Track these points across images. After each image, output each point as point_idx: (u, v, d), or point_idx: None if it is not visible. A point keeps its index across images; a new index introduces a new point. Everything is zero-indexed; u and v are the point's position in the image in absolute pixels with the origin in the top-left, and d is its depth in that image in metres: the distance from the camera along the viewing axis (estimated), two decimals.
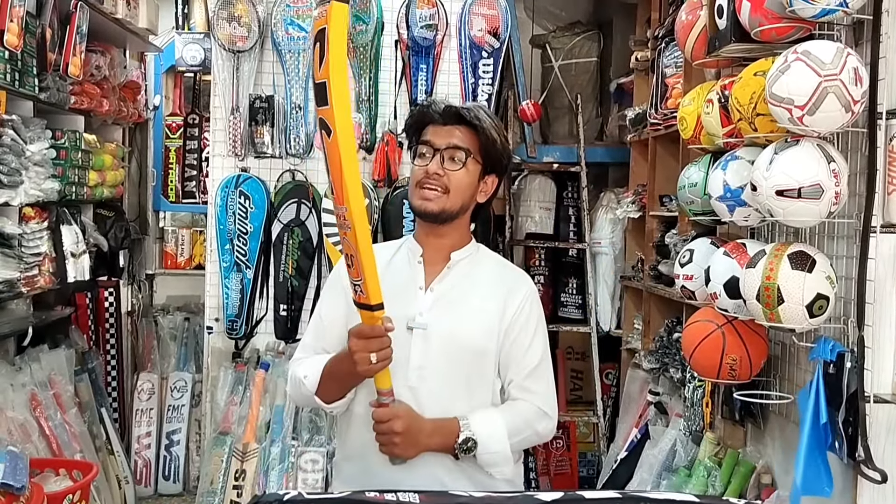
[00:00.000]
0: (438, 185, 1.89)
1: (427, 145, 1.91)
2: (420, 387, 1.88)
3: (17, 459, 2.72)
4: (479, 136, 1.92)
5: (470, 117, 1.91)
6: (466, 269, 1.96)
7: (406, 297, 1.92)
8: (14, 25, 2.97)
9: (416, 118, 1.97)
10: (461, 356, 1.90)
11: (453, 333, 1.90)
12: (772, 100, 2.10)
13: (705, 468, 2.77)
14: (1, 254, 3.17)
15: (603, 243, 4.36)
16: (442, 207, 1.90)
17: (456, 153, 1.90)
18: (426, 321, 1.89)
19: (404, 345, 1.86)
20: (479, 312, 1.92)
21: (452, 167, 1.90)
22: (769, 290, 2.15)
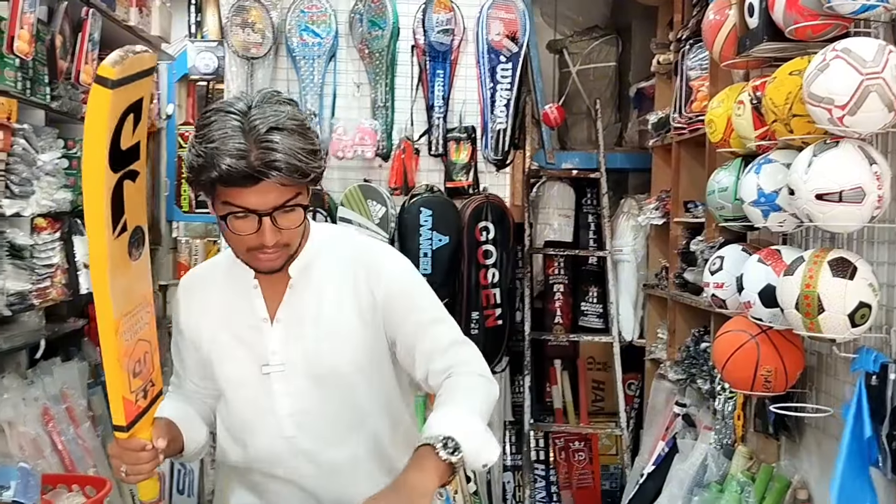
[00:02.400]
0: (278, 246, 1.54)
1: (245, 211, 1.48)
2: (298, 435, 1.64)
3: (28, 476, 2.67)
4: (299, 171, 1.48)
5: (284, 166, 1.45)
6: (310, 278, 1.64)
7: (251, 335, 1.65)
8: (25, 32, 2.92)
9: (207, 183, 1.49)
10: (336, 385, 1.64)
11: (317, 364, 1.62)
12: (810, 100, 2.01)
13: (738, 483, 2.67)
14: (12, 265, 3.12)
15: (624, 251, 4.27)
16: (286, 258, 1.59)
17: (285, 209, 1.51)
18: (281, 360, 1.63)
19: (265, 392, 1.63)
20: (335, 329, 1.62)
21: (288, 222, 1.52)
22: (809, 298, 2.06)
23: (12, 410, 3.11)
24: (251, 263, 1.59)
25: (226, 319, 1.67)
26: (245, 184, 1.45)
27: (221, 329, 1.67)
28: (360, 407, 1.66)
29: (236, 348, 1.65)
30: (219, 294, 1.69)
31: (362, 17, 3.83)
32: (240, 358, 1.65)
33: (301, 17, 3.85)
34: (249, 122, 1.46)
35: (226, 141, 1.44)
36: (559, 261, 4.44)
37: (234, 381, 1.68)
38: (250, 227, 1.50)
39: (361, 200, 3.76)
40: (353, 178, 3.84)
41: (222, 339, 1.68)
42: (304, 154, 1.47)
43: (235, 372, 1.67)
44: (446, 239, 3.70)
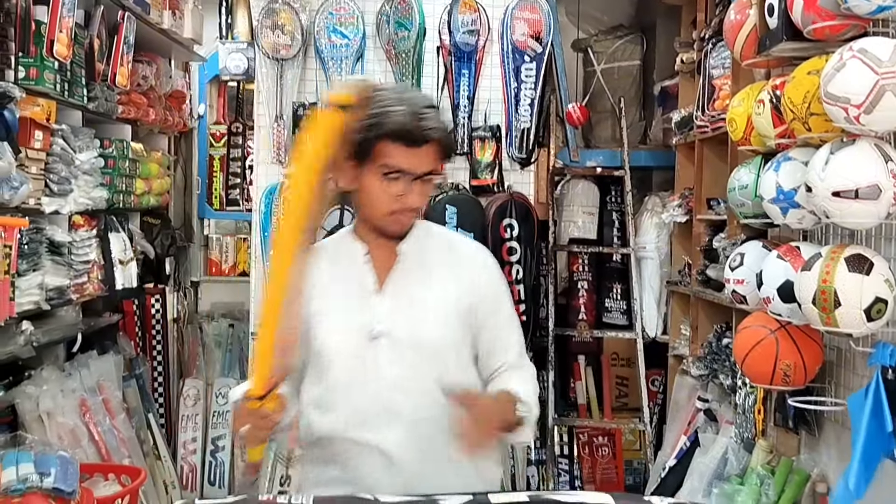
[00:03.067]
0: (415, 211, 1.79)
1: (399, 172, 1.72)
2: (394, 400, 1.76)
3: (67, 464, 2.76)
4: (445, 145, 1.76)
5: (439, 134, 1.73)
6: (417, 258, 1.82)
7: (360, 303, 1.80)
8: (63, 36, 3.02)
9: (375, 136, 1.71)
10: (432, 357, 1.79)
11: (418, 335, 1.79)
12: (827, 99, 2.05)
13: (758, 476, 2.70)
14: (51, 261, 3.22)
15: (648, 248, 4.31)
16: (413, 223, 1.82)
17: (431, 176, 1.76)
18: (387, 327, 1.77)
19: (370, 356, 1.77)
20: (439, 306, 1.80)
21: (428, 190, 1.79)
22: (825, 293, 2.09)
23: (51, 401, 3.22)
24: (388, 225, 1.77)
25: (334, 289, 1.80)
26: (411, 143, 1.69)
27: (329, 298, 1.80)
28: (449, 380, 1.78)
29: (343, 315, 1.77)
30: (328, 266, 1.83)
31: (389, 18, 3.90)
32: (346, 324, 1.77)
33: (329, 18, 3.93)
34: (412, 100, 1.72)
35: (401, 104, 1.68)
36: (583, 258, 4.49)
37: (338, 347, 1.78)
38: (400, 189, 1.71)
39: None
40: None
41: (329, 307, 1.80)
42: (449, 129, 1.78)
43: (341, 337, 1.79)
44: (471, 235, 3.75)
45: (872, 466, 2.07)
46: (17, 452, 2.73)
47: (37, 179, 3.07)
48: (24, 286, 2.98)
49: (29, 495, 2.56)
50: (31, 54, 2.95)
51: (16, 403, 3.13)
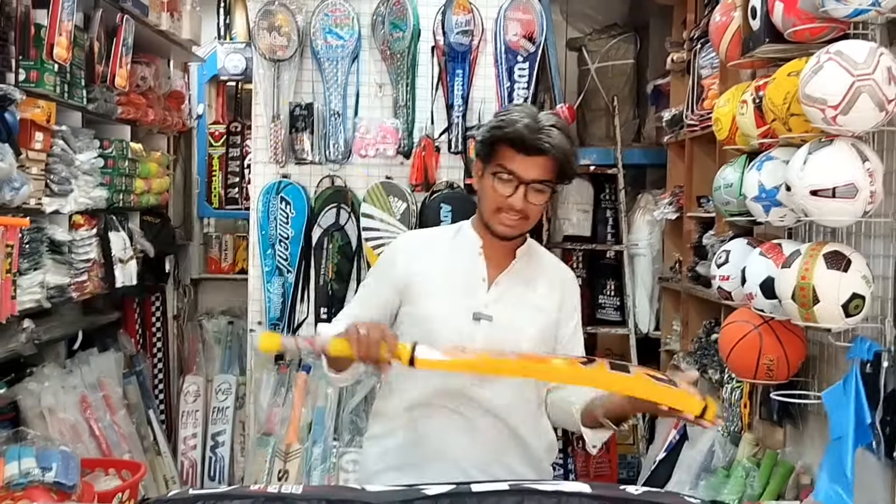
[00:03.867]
0: (520, 214, 1.91)
1: (511, 175, 1.88)
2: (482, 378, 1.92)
3: (68, 459, 2.82)
4: (561, 164, 1.90)
5: (554, 150, 1.87)
6: (527, 266, 2.01)
7: (469, 288, 1.97)
8: (63, 39, 3.08)
9: (495, 139, 1.91)
10: (519, 348, 1.92)
11: (516, 327, 1.95)
12: (805, 100, 2.10)
13: (744, 469, 2.76)
14: (52, 260, 3.28)
15: (641, 245, 4.36)
16: (520, 232, 1.96)
17: (539, 186, 1.89)
18: (491, 312, 1.94)
19: (470, 334, 1.92)
20: (539, 311, 1.99)
21: (537, 199, 1.91)
22: (804, 290, 2.15)
23: (52, 398, 3.28)
24: (493, 224, 1.93)
25: (447, 273, 1.98)
26: (524, 151, 1.87)
27: (442, 279, 1.98)
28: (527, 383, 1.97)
29: (452, 295, 1.95)
30: (445, 253, 2.02)
31: (384, 19, 3.95)
32: (453, 302, 1.95)
33: (325, 20, 3.98)
34: (538, 117, 1.90)
35: (525, 117, 1.90)
36: (577, 255, 4.55)
37: (442, 318, 1.94)
38: (507, 190, 1.88)
39: (383, 197, 3.89)
40: (376, 175, 3.97)
41: (441, 287, 1.98)
42: (569, 152, 1.90)
43: (447, 311, 1.95)
44: None
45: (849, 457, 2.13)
46: (20, 447, 2.78)
47: (37, 180, 3.12)
48: (26, 285, 3.04)
49: (31, 489, 2.61)
50: (32, 57, 3.00)
51: (18, 400, 3.19)
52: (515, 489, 1.50)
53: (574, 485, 1.53)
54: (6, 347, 2.95)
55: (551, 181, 1.90)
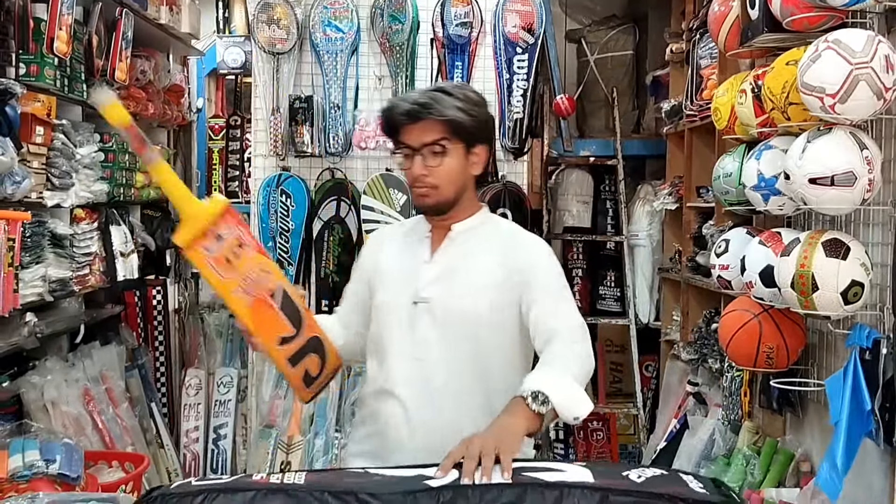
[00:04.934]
0: (426, 184, 1.91)
1: (404, 146, 1.93)
2: (426, 358, 1.92)
3: (72, 451, 2.83)
4: (450, 123, 1.88)
5: (433, 111, 1.88)
6: (471, 240, 1.97)
7: (412, 272, 1.98)
8: (63, 33, 3.08)
9: (386, 123, 1.97)
10: (465, 329, 1.91)
11: (456, 306, 1.91)
12: (803, 89, 2.11)
13: (744, 457, 2.78)
14: (54, 254, 3.28)
15: (640, 235, 4.38)
16: (437, 201, 1.93)
17: (433, 148, 1.90)
18: (429, 295, 1.93)
19: (409, 319, 1.93)
20: (483, 285, 1.92)
21: (434, 162, 1.90)
22: (804, 277, 2.16)
23: (55, 391, 3.29)
24: (414, 201, 1.99)
25: (398, 259, 2.01)
26: (406, 120, 1.90)
27: (393, 267, 2.01)
28: (479, 354, 1.92)
29: (398, 281, 1.97)
30: (399, 241, 2.07)
31: (383, 11, 3.95)
32: (398, 289, 1.97)
33: (324, 12, 3.97)
34: (427, 88, 2.00)
35: (412, 93, 2.00)
36: (577, 246, 4.56)
37: (388, 307, 1.98)
38: (408, 163, 1.92)
39: (383, 189, 3.90)
40: (376, 167, 3.97)
41: (390, 274, 2.01)
42: (455, 108, 1.88)
43: (391, 299, 1.98)
44: None
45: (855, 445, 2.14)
46: (24, 440, 2.79)
47: (38, 174, 3.13)
48: (28, 278, 3.04)
49: (35, 481, 2.62)
50: (32, 51, 3.00)
51: (21, 393, 3.20)
52: (518, 483, 1.48)
53: (576, 471, 1.50)
54: (9, 341, 2.95)
55: (444, 140, 1.88)
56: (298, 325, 1.87)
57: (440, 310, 1.92)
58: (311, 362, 1.91)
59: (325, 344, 1.96)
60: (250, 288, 1.78)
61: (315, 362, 1.92)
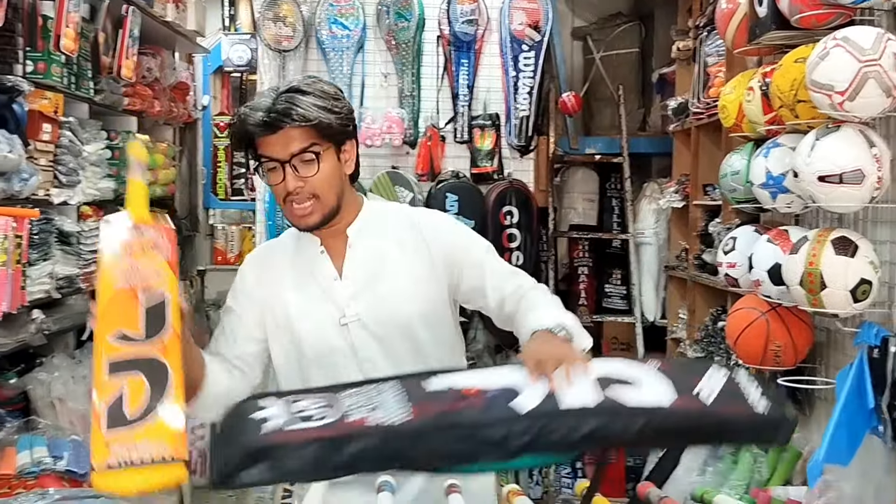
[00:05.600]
0: (305, 196, 1.73)
1: (270, 159, 1.72)
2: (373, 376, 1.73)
3: (80, 447, 2.84)
4: (317, 125, 1.71)
5: (294, 117, 1.69)
6: (371, 239, 1.83)
7: (324, 295, 1.81)
8: (70, 31, 3.08)
9: (240, 137, 1.76)
10: (403, 333, 1.80)
11: (388, 313, 1.79)
12: (812, 86, 2.11)
13: (751, 455, 2.77)
14: (61, 251, 3.29)
15: (647, 233, 4.37)
16: (322, 215, 1.76)
17: (303, 157, 1.71)
18: (355, 311, 1.79)
19: (344, 340, 1.79)
20: (408, 282, 1.80)
21: (309, 171, 1.72)
22: (812, 275, 2.16)
23: (63, 388, 3.29)
24: (290, 218, 1.78)
25: (299, 283, 1.82)
26: (266, 132, 1.70)
27: (296, 292, 1.82)
28: (425, 354, 1.81)
29: (313, 306, 1.80)
30: (289, 263, 1.86)
31: (389, 9, 3.95)
32: (318, 313, 1.80)
33: (330, 10, 3.98)
34: (277, 88, 1.75)
35: (261, 100, 1.73)
36: (583, 244, 4.56)
37: (315, 334, 1.80)
38: (277, 177, 1.72)
39: (389, 186, 3.90)
40: (382, 165, 3.98)
41: (299, 301, 1.82)
42: (317, 108, 1.70)
43: (315, 325, 1.80)
44: (472, 223, 3.82)
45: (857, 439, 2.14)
46: (31, 437, 2.80)
47: (46, 171, 3.13)
48: (35, 275, 3.05)
49: (43, 478, 2.63)
50: (39, 49, 3.01)
51: (28, 390, 3.21)
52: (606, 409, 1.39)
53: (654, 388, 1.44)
54: (16, 338, 2.96)
55: (313, 146, 1.71)
56: (152, 335, 1.44)
57: (373, 322, 1.79)
58: (135, 387, 1.38)
59: (172, 380, 1.41)
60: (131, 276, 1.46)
61: (139, 391, 1.38)
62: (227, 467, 1.35)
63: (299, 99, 1.71)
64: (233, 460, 1.35)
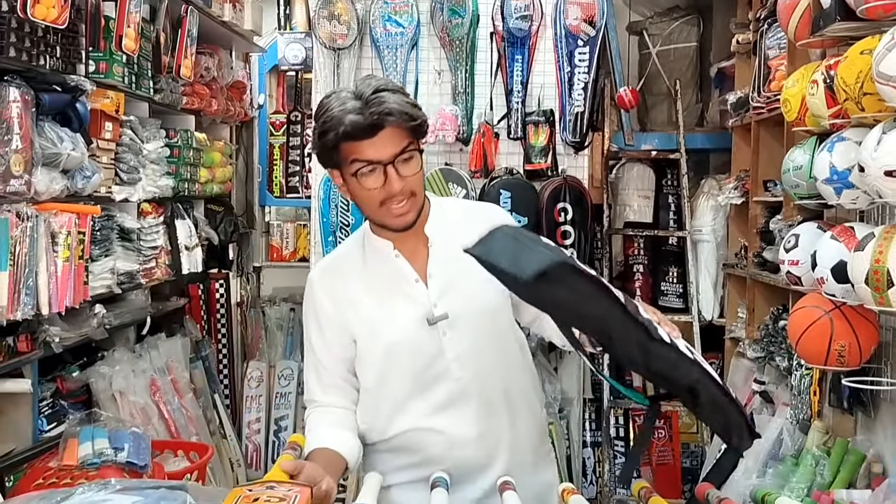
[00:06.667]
0: (405, 195, 1.74)
1: (370, 163, 1.71)
2: (463, 375, 1.81)
3: (140, 440, 2.90)
4: (410, 123, 1.72)
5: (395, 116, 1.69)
6: (445, 237, 1.82)
7: (407, 296, 1.81)
8: (131, 31, 3.15)
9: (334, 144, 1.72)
10: (488, 327, 1.82)
11: (474, 308, 1.81)
12: (879, 78, 2.04)
13: (813, 457, 2.70)
14: (122, 247, 3.36)
15: (704, 231, 4.30)
16: (416, 212, 1.78)
17: (403, 156, 1.72)
18: (443, 310, 1.79)
19: (432, 341, 1.79)
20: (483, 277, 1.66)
21: (409, 170, 1.73)
22: (878, 273, 2.09)
23: (123, 381, 3.37)
24: (385, 221, 1.77)
25: (377, 292, 1.81)
26: (366, 136, 1.68)
27: (375, 302, 1.81)
28: (507, 345, 1.86)
29: (395, 314, 1.80)
30: (362, 274, 1.84)
31: (443, 6, 3.95)
32: (402, 317, 1.79)
33: (384, 7, 3.99)
34: (358, 91, 1.72)
35: (344, 104, 1.70)
36: (639, 241, 4.50)
37: (401, 342, 1.80)
38: (377, 181, 1.71)
39: (443, 184, 3.89)
40: (435, 162, 3.98)
41: (379, 312, 1.81)
42: (408, 104, 1.72)
43: (401, 332, 1.80)
44: (525, 220, 3.80)
45: None
46: (93, 428, 2.87)
47: (107, 169, 3.20)
48: (97, 271, 3.12)
49: (104, 468, 2.69)
50: (101, 49, 3.08)
51: (90, 383, 3.29)
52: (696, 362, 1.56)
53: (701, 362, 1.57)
54: (79, 332, 3.03)
55: (411, 144, 1.73)
56: None
57: (461, 319, 1.79)
58: None
59: None
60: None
61: None
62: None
63: (390, 97, 1.70)
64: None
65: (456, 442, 1.81)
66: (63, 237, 2.73)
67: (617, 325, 1.49)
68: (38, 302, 2.63)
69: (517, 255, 1.38)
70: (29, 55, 2.61)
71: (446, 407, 1.81)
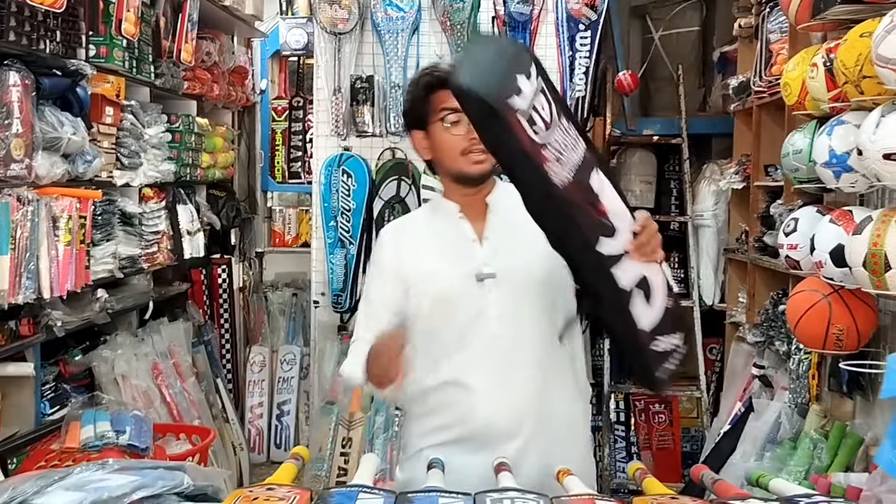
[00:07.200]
0: (481, 147, 1.84)
1: (455, 112, 1.85)
2: (504, 334, 1.88)
3: (141, 423, 2.91)
4: None
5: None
6: (504, 207, 1.92)
7: (464, 253, 1.92)
8: (131, 15, 3.14)
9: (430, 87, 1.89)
10: (537, 292, 1.88)
11: (524, 272, 1.89)
12: (878, 61, 2.03)
13: (811, 440, 2.71)
14: (123, 232, 3.37)
15: (705, 216, 4.30)
16: (491, 164, 1.90)
17: None
18: (493, 269, 1.89)
19: (478, 297, 1.88)
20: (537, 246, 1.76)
21: None
22: (876, 256, 2.09)
23: (126, 365, 3.39)
24: (464, 168, 1.89)
25: (436, 248, 1.94)
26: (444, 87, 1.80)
27: (432, 256, 1.94)
28: (550, 319, 1.90)
29: (449, 267, 1.91)
30: (426, 231, 2.00)
31: None
32: (454, 274, 1.90)
33: None
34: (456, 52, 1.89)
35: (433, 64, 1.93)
36: None
37: (449, 293, 1.90)
38: (461, 129, 1.85)
39: None
40: None
41: (435, 264, 1.93)
42: None
43: (451, 284, 1.90)
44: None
45: None
46: (95, 412, 2.88)
47: (108, 153, 3.21)
48: (99, 255, 3.13)
49: (106, 451, 2.70)
50: (101, 33, 3.08)
51: (93, 366, 3.30)
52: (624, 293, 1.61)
53: None
54: (81, 316, 3.04)
55: None
56: None
57: (509, 280, 1.88)
58: None
59: None
60: None
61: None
62: None
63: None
64: None
65: (483, 401, 1.88)
66: (64, 221, 2.74)
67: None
68: (40, 286, 2.64)
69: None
70: (29, 39, 2.61)
71: (481, 364, 1.89)
